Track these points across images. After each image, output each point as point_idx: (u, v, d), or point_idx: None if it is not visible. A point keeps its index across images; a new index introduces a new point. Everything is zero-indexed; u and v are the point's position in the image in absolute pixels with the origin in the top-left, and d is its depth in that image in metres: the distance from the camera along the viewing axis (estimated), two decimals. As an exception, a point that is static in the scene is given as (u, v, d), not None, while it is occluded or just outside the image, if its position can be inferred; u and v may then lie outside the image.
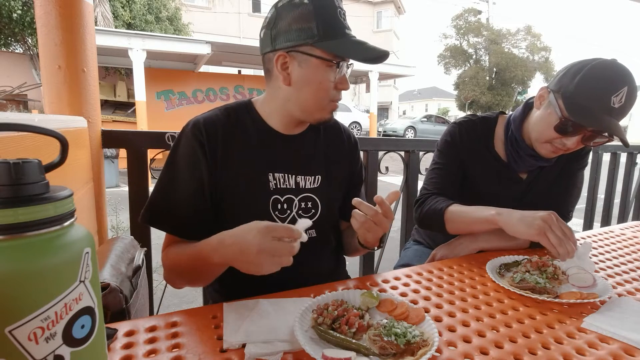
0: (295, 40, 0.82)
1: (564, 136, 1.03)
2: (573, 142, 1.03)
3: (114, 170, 6.57)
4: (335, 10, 0.83)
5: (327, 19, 0.82)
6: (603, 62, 0.99)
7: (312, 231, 0.95)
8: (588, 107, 0.97)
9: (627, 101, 0.96)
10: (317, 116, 0.90)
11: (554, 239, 0.91)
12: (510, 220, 0.98)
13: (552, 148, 1.08)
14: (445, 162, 1.23)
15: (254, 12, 18.63)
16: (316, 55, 0.82)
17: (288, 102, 0.89)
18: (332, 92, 0.87)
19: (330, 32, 0.82)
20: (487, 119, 1.25)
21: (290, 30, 0.82)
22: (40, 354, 0.34)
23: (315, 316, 0.64)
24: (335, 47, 0.83)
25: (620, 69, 0.97)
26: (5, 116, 0.78)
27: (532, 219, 0.94)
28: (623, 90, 0.94)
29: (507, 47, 25.57)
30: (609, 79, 0.96)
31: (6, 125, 0.38)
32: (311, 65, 0.84)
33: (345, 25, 0.85)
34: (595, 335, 0.66)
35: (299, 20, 0.81)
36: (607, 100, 0.95)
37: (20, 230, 0.34)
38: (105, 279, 0.82)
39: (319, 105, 0.88)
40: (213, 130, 0.88)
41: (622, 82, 0.95)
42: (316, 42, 0.82)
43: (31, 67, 10.12)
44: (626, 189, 2.90)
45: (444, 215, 1.11)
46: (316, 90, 0.86)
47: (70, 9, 1.23)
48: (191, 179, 0.86)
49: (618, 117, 0.97)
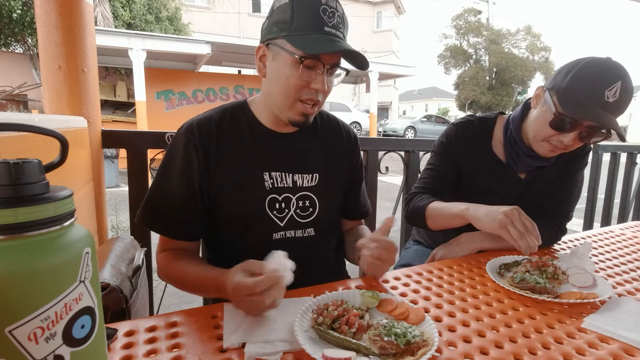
0: (273, 33, 0.82)
1: (560, 133, 1.03)
2: (570, 139, 1.03)
3: (114, 170, 6.57)
4: (317, 7, 0.79)
5: (304, 13, 0.79)
6: (596, 59, 0.99)
7: (310, 230, 0.95)
8: (581, 101, 0.97)
9: (623, 96, 0.95)
10: (287, 115, 0.86)
11: (515, 232, 0.93)
12: (477, 214, 1.01)
13: (549, 146, 1.07)
14: (438, 164, 1.25)
15: (254, 12, 18.63)
16: (286, 49, 0.80)
17: (267, 97, 0.90)
18: (304, 91, 0.83)
19: (304, 26, 0.79)
20: (486, 119, 1.26)
21: (272, 23, 0.82)
22: (40, 354, 0.34)
23: (315, 316, 0.64)
24: (301, 41, 0.78)
25: (613, 65, 0.97)
26: (5, 116, 0.78)
27: (495, 213, 0.97)
28: (617, 84, 0.94)
29: (507, 47, 25.56)
30: (602, 74, 0.96)
31: (6, 125, 0.38)
32: (281, 59, 0.82)
33: (327, 23, 0.79)
34: (595, 335, 0.66)
35: (279, 13, 0.81)
36: (601, 95, 0.95)
37: (20, 230, 0.34)
38: (105, 279, 0.82)
39: (286, 102, 0.85)
40: (207, 131, 0.88)
41: (616, 76, 0.95)
42: (287, 36, 0.79)
43: (31, 67, 10.12)
44: (626, 189, 2.90)
45: (425, 212, 1.15)
46: (283, 86, 0.83)
47: (70, 9, 1.23)
48: (184, 181, 0.86)
49: (614, 112, 0.97)
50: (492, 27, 26.07)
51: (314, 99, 0.84)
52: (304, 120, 0.87)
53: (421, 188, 1.25)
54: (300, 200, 0.94)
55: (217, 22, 17.38)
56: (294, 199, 0.93)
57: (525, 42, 25.67)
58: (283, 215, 0.92)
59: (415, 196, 1.23)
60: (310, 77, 0.82)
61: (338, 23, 0.81)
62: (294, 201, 0.93)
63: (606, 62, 0.98)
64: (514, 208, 0.97)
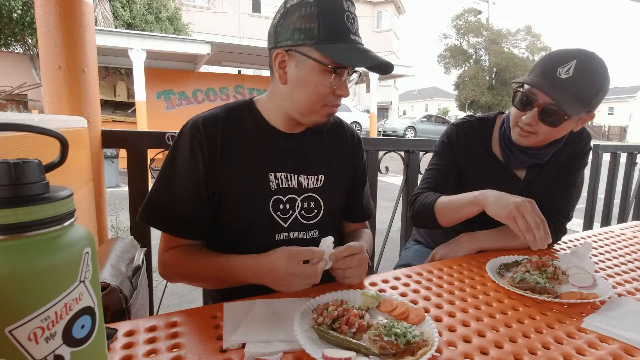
0: (296, 40, 0.81)
1: (522, 112, 1.07)
2: (529, 118, 1.05)
3: (114, 170, 6.56)
4: (342, 14, 0.80)
5: (331, 21, 0.79)
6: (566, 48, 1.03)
7: (314, 232, 0.95)
8: (534, 76, 1.02)
9: (577, 75, 0.96)
10: (311, 119, 0.88)
11: (523, 224, 0.92)
12: (489, 199, 1.00)
13: (519, 131, 1.10)
14: (441, 163, 1.25)
15: (254, 12, 18.63)
16: (314, 57, 0.80)
17: (285, 101, 0.89)
18: (329, 98, 0.85)
19: (332, 35, 0.79)
20: (486, 119, 1.26)
21: (293, 29, 0.81)
22: (40, 354, 0.34)
23: (315, 316, 0.64)
24: (333, 51, 0.79)
25: (578, 50, 1.00)
26: (5, 116, 0.78)
27: (506, 201, 0.96)
28: (571, 63, 0.97)
29: (507, 47, 25.57)
30: (561, 54, 1.00)
31: (6, 125, 0.37)
32: (308, 67, 0.82)
33: (351, 30, 0.81)
34: (595, 335, 0.66)
35: (302, 20, 0.80)
36: (553, 70, 0.99)
37: (20, 230, 0.34)
38: (105, 279, 0.82)
39: (312, 109, 0.86)
40: (212, 129, 0.88)
41: (572, 57, 0.98)
42: (315, 44, 0.79)
43: (31, 67, 10.12)
44: (626, 189, 2.90)
45: (434, 207, 1.13)
46: (310, 93, 0.84)
47: (70, 9, 1.23)
48: (189, 179, 0.86)
49: (567, 90, 0.98)
50: (492, 27, 26.08)
51: (338, 104, 0.88)
52: (328, 121, 0.90)
53: (425, 188, 1.24)
54: (305, 201, 0.94)
55: (217, 22, 17.38)
56: (299, 200, 0.93)
57: (525, 42, 25.69)
58: (287, 216, 0.92)
59: (420, 195, 1.21)
60: (341, 86, 0.85)
61: (357, 29, 0.84)
62: (298, 202, 0.93)
63: (572, 48, 1.01)
64: (527, 200, 0.95)
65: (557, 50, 1.04)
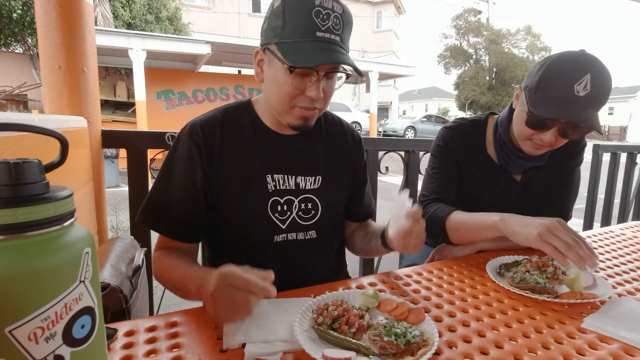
0: (267, 38, 0.81)
1: (538, 131, 1.02)
2: (549, 136, 1.01)
3: (114, 170, 6.56)
4: (309, 10, 0.74)
5: (294, 19, 0.75)
6: (565, 54, 0.98)
7: (312, 232, 0.95)
8: (551, 98, 0.96)
9: (595, 88, 0.92)
10: (285, 119, 0.85)
11: (561, 244, 0.81)
12: (513, 227, 0.92)
13: (532, 145, 1.06)
14: (442, 166, 1.21)
15: (254, 12, 18.63)
16: (277, 56, 0.77)
17: (267, 101, 0.89)
18: (299, 98, 0.81)
19: (294, 33, 0.76)
20: (478, 121, 1.24)
21: (267, 28, 0.81)
22: (40, 354, 0.34)
23: (315, 316, 0.64)
24: (289, 50, 0.76)
25: (583, 58, 0.95)
26: (5, 116, 0.78)
27: (533, 227, 0.87)
28: (585, 77, 0.92)
29: (507, 47, 25.59)
30: (570, 68, 0.94)
31: (6, 125, 0.37)
32: (275, 66, 0.80)
33: (320, 27, 0.75)
34: (595, 335, 0.66)
35: (273, 18, 0.79)
36: (570, 90, 0.93)
37: (20, 230, 0.34)
38: (105, 279, 0.82)
39: (282, 108, 0.84)
40: (210, 131, 0.88)
41: (584, 70, 0.92)
42: (277, 43, 0.77)
43: (31, 67, 10.11)
44: (626, 189, 2.90)
45: (446, 224, 1.07)
46: (278, 92, 0.81)
47: (70, 9, 1.23)
48: (187, 181, 0.86)
49: (588, 106, 0.94)
50: (492, 27, 26.08)
51: (309, 106, 0.82)
52: (304, 124, 0.85)
53: (431, 195, 1.18)
54: (303, 202, 0.93)
55: (217, 22, 17.37)
56: (297, 202, 0.93)
57: (525, 42, 25.71)
58: (285, 217, 0.91)
59: (429, 205, 1.14)
60: (304, 85, 0.79)
61: (334, 25, 0.76)
62: (296, 203, 0.93)
63: (574, 55, 0.97)
64: (557, 220, 0.87)
65: (562, 64, 0.96)
